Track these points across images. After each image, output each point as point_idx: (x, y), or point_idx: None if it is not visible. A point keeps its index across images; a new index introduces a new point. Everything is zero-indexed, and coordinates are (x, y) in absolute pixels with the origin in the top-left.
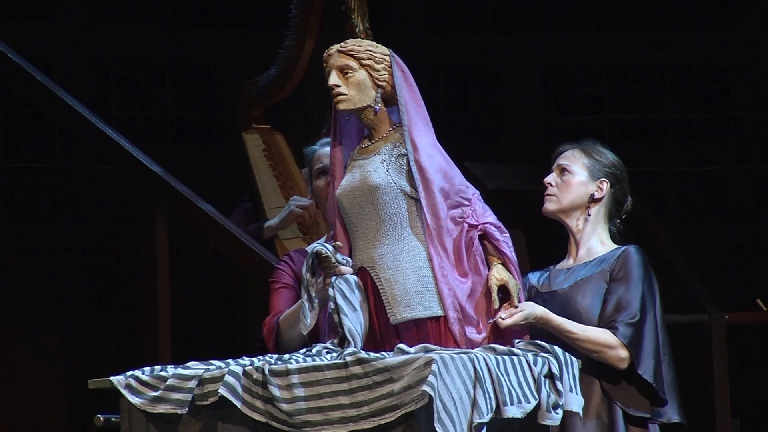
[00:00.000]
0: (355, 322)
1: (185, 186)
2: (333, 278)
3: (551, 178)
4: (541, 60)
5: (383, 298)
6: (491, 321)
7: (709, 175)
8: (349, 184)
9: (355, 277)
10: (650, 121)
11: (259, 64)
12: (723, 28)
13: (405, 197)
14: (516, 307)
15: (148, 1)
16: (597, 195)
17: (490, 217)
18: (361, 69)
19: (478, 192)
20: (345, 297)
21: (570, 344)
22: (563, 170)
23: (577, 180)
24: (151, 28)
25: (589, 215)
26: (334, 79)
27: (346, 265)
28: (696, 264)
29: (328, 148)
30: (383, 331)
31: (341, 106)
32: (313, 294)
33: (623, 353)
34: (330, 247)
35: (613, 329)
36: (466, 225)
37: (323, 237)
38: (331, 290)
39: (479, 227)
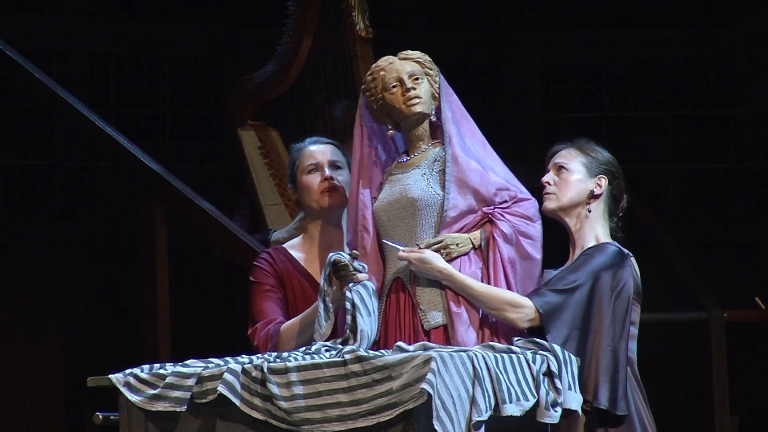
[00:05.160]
0: (369, 324)
1: (184, 183)
2: (351, 284)
3: (549, 177)
4: (540, 58)
5: (419, 305)
6: (392, 244)
7: (708, 173)
8: (388, 198)
9: (372, 283)
10: (649, 119)
11: (258, 61)
12: (722, 25)
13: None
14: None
15: None
16: (596, 191)
17: (518, 216)
18: (425, 77)
19: (534, 200)
20: (363, 300)
21: (471, 301)
22: (560, 168)
23: (575, 177)
24: (149, 25)
25: (589, 211)
26: (409, 81)
27: (362, 272)
28: (695, 261)
29: (317, 146)
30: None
31: (418, 108)
32: (330, 303)
33: (528, 313)
34: (347, 256)
35: (538, 293)
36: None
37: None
38: (348, 293)
39: (491, 213)
